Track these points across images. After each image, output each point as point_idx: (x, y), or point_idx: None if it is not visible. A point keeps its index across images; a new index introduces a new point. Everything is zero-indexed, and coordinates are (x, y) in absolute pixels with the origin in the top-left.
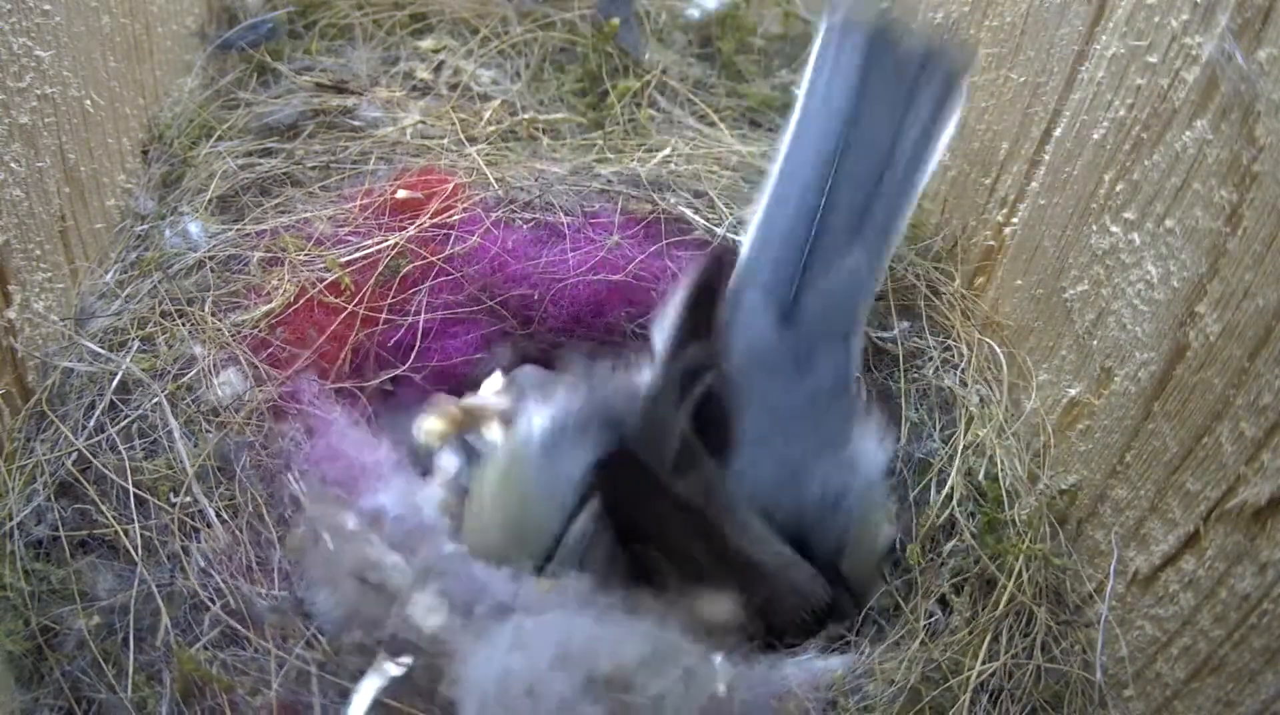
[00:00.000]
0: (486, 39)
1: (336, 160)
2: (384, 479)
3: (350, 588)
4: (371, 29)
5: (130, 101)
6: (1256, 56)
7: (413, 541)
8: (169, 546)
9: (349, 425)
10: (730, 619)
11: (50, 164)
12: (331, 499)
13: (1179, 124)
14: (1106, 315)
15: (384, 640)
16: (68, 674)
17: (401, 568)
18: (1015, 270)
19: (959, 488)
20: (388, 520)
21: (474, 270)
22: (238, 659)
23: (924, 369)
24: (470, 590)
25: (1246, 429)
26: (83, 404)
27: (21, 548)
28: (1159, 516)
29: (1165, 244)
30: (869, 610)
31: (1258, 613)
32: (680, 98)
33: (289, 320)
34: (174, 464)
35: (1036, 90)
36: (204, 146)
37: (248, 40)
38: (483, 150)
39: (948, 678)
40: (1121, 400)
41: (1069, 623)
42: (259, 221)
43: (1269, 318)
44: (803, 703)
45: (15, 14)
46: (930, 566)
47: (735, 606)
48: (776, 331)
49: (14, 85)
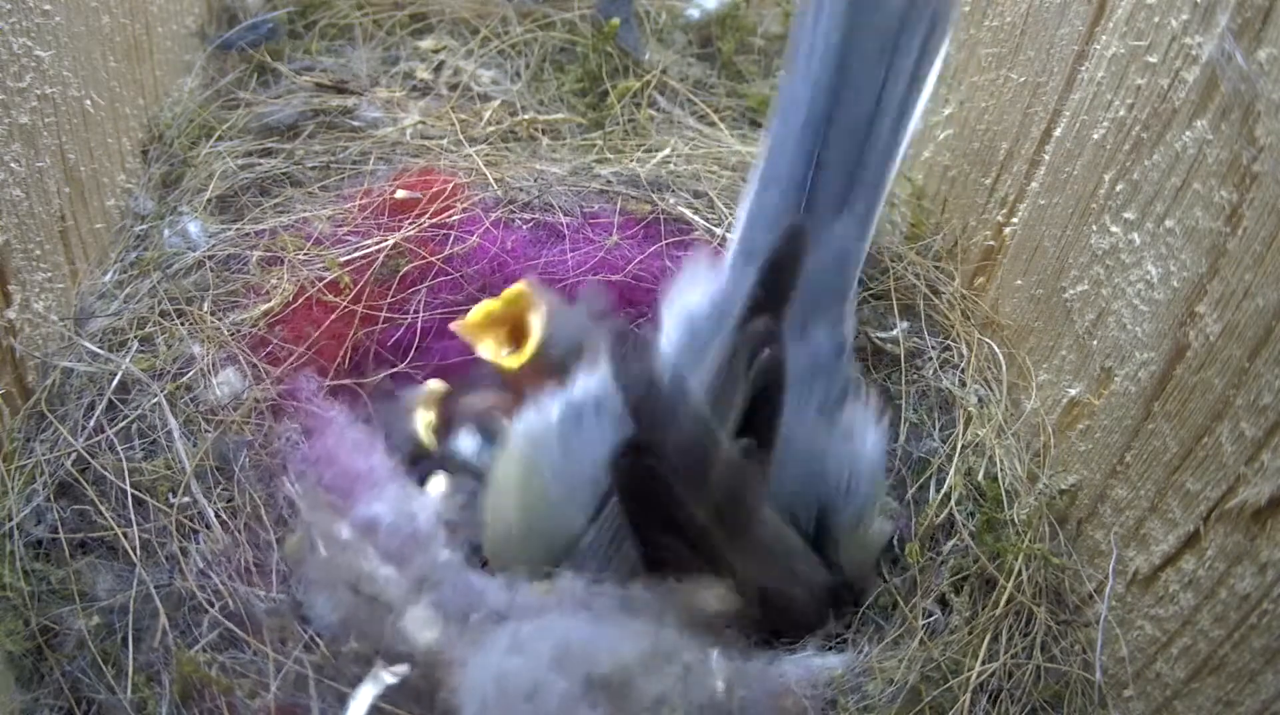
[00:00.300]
0: (486, 39)
1: (336, 160)
2: (379, 486)
3: (345, 597)
4: (371, 29)
5: (130, 101)
6: (1256, 56)
7: (407, 551)
8: (168, 547)
9: (347, 425)
10: (724, 608)
11: (50, 164)
12: (326, 506)
13: (1179, 124)
14: (1106, 315)
15: (380, 650)
16: (68, 674)
17: (395, 580)
18: (1015, 270)
19: (958, 487)
20: (382, 530)
21: (473, 270)
22: (236, 661)
23: (923, 369)
24: (466, 599)
25: (1246, 429)
26: (82, 404)
27: (21, 548)
28: (1159, 516)
29: (1165, 244)
30: (867, 609)
31: (1258, 613)
32: (680, 98)
33: (288, 319)
34: (173, 464)
35: (1036, 90)
36: (204, 146)
37: (248, 40)
38: (482, 151)
39: (947, 677)
40: (1121, 400)
41: (1069, 623)
42: (258, 221)
43: (1269, 318)
44: (801, 700)
45: (15, 14)
46: (929, 565)
47: (729, 595)
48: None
49: (14, 85)
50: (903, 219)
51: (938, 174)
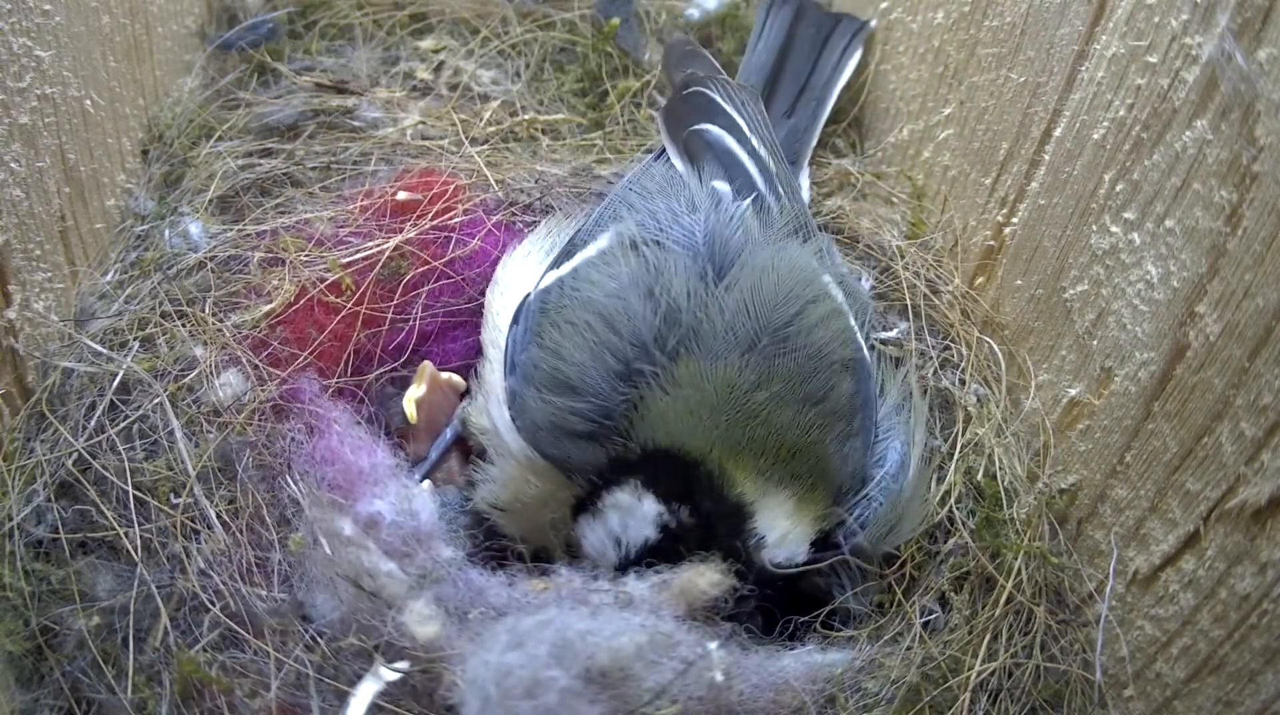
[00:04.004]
0: (486, 39)
1: (337, 161)
2: (381, 483)
3: (347, 593)
4: (371, 29)
5: (130, 101)
6: (1256, 56)
7: (409, 547)
8: (169, 548)
9: (349, 425)
10: (720, 592)
11: (50, 164)
12: (329, 503)
13: (1179, 124)
14: (1106, 315)
15: (380, 646)
16: (68, 674)
17: (397, 575)
18: (1015, 270)
19: (957, 486)
20: (384, 526)
21: (475, 273)
22: (237, 661)
23: (924, 369)
24: (466, 595)
25: (1246, 429)
26: (83, 404)
27: (21, 548)
28: (1159, 516)
29: (1165, 244)
30: (866, 606)
31: (1258, 613)
32: None
33: (289, 320)
34: (174, 465)
35: (1036, 90)
36: (204, 147)
37: (248, 40)
38: (483, 151)
39: (947, 676)
40: (1121, 400)
41: (1068, 622)
42: (259, 222)
43: (1269, 318)
44: (800, 695)
45: (15, 14)
46: (929, 563)
47: (724, 578)
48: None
49: (14, 85)
50: (903, 218)
51: (938, 174)
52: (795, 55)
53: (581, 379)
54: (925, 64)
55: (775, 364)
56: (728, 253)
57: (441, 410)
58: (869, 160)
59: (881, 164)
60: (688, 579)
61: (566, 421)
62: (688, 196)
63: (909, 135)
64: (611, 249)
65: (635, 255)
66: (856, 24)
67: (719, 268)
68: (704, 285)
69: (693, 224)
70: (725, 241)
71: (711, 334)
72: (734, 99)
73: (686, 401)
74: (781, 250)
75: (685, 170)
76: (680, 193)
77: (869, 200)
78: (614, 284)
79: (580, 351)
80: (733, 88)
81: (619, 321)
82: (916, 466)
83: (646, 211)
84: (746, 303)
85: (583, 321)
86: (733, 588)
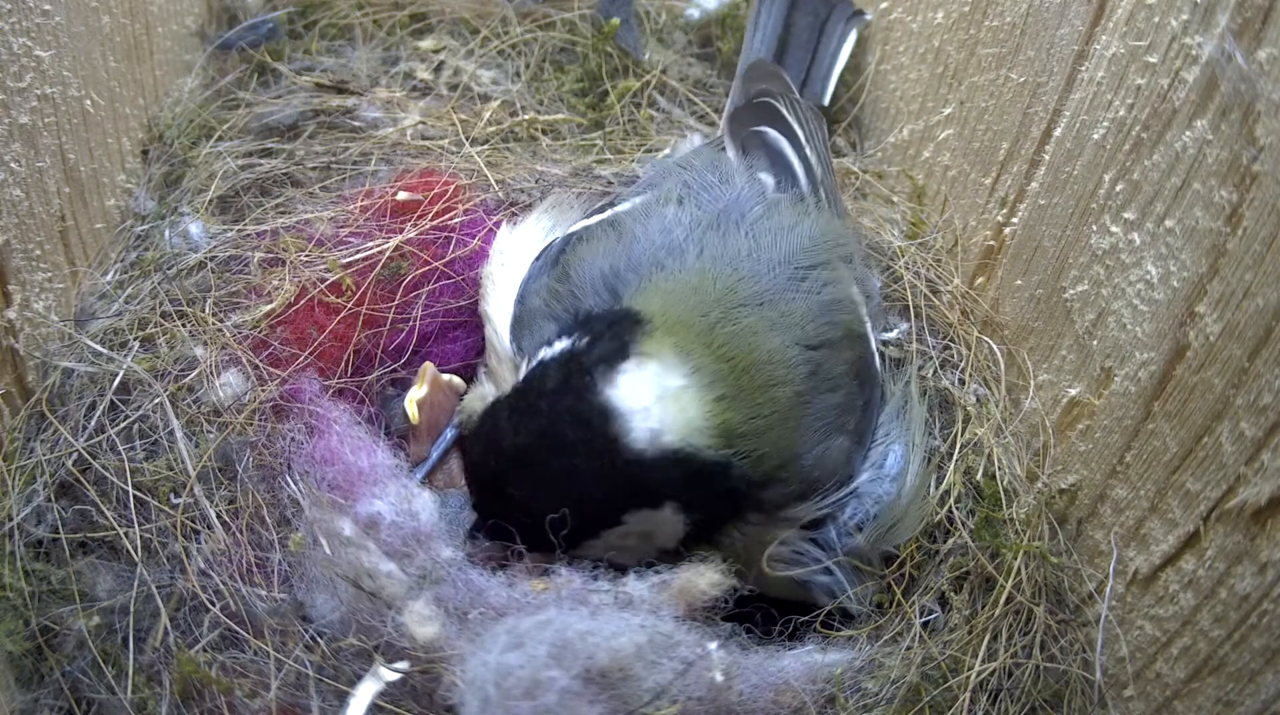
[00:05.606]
0: (486, 39)
1: (337, 161)
2: (381, 484)
3: (347, 593)
4: (371, 29)
5: (130, 101)
6: (1256, 56)
7: (409, 548)
8: (169, 548)
9: (349, 426)
10: (719, 592)
11: (50, 164)
12: (329, 503)
13: (1179, 124)
14: (1106, 315)
15: (380, 647)
16: (68, 674)
17: (397, 576)
18: (1015, 270)
19: (956, 485)
20: (384, 526)
21: (475, 273)
22: (237, 661)
23: (924, 368)
24: (466, 596)
25: (1246, 429)
26: (83, 404)
27: (21, 548)
28: (1159, 516)
29: (1165, 244)
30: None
31: (1258, 613)
32: (680, 98)
33: (290, 320)
34: (174, 465)
35: (1036, 90)
36: (204, 147)
37: (248, 40)
38: (483, 151)
39: (947, 676)
40: (1121, 400)
41: (1068, 622)
42: (259, 222)
43: (1269, 318)
44: (800, 695)
45: (15, 14)
46: (928, 563)
47: (723, 578)
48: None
49: (14, 85)
50: (903, 218)
51: (938, 174)
52: (795, 44)
53: (579, 272)
54: (925, 64)
55: (785, 295)
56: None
57: (442, 411)
58: (869, 160)
59: (881, 164)
60: (687, 579)
61: (551, 308)
62: (727, 172)
63: (909, 135)
64: (647, 203)
65: (672, 207)
66: (850, 7)
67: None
68: (734, 226)
69: (724, 192)
70: (751, 208)
71: (736, 250)
72: (798, 112)
73: (682, 286)
74: (815, 218)
75: (735, 158)
76: (721, 168)
77: (869, 200)
78: (642, 226)
79: (591, 254)
80: (800, 104)
81: (638, 243)
82: (916, 470)
83: (682, 181)
84: (773, 241)
85: (600, 236)
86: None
